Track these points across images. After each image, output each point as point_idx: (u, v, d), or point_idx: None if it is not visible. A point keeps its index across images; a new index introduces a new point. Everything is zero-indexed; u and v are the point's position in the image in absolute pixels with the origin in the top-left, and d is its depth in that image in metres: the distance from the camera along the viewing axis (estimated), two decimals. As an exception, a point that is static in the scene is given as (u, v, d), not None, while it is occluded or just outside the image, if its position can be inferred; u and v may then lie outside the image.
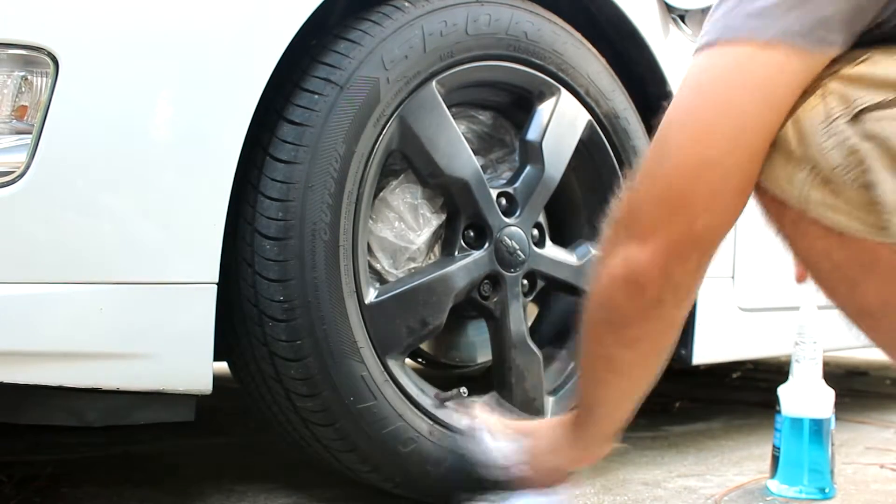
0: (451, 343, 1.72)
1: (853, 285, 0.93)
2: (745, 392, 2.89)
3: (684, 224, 0.94)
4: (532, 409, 1.52)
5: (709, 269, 1.00)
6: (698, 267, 0.98)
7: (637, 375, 1.09)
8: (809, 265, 0.96)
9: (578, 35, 1.59)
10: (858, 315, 0.96)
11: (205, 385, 1.24)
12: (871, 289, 0.92)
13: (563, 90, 1.56)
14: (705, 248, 0.97)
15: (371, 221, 1.42)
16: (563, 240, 1.63)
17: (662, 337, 1.05)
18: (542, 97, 1.55)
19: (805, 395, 1.60)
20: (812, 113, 0.89)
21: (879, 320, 0.95)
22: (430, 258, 1.48)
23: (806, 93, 0.90)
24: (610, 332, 1.03)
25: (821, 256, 0.93)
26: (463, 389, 1.48)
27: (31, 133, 1.12)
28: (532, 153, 1.54)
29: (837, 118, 0.88)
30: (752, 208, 0.99)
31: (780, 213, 0.94)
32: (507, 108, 1.59)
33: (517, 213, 1.51)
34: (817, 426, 1.59)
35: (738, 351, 2.01)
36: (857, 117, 0.87)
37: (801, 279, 1.17)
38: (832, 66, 0.90)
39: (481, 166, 1.49)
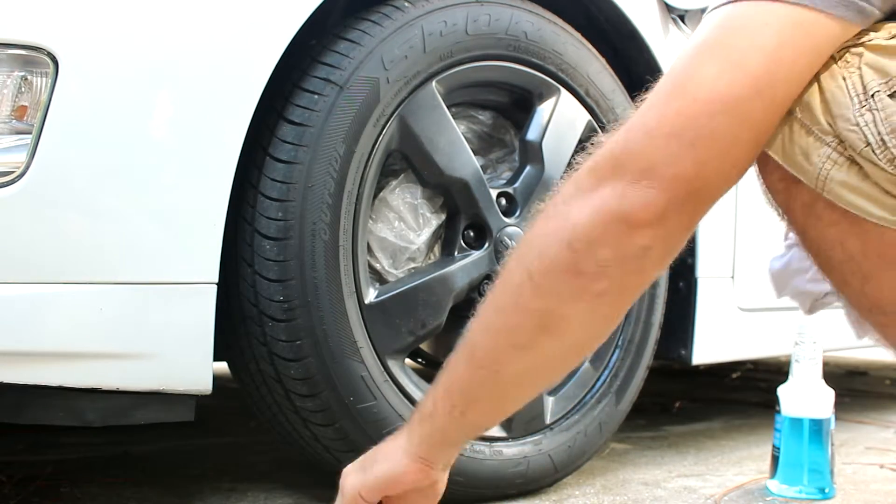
0: (452, 343, 1.69)
1: (866, 279, 0.85)
2: (745, 392, 2.89)
3: (695, 164, 0.83)
4: (531, 409, 1.52)
5: (709, 268, 0.95)
6: (691, 222, 0.87)
7: (575, 344, 0.92)
8: (819, 254, 0.88)
9: (578, 35, 1.59)
10: (869, 311, 0.89)
11: (205, 385, 1.24)
12: (885, 283, 0.85)
13: (562, 90, 1.56)
14: (706, 199, 0.86)
15: (371, 221, 1.42)
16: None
17: (628, 297, 0.91)
18: (541, 97, 1.55)
19: (805, 395, 1.60)
20: (842, 83, 0.81)
21: (891, 317, 0.88)
22: (429, 258, 1.48)
23: (828, 60, 0.83)
24: (571, 278, 0.87)
25: (833, 245, 0.85)
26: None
27: (30, 133, 1.12)
28: (532, 153, 1.54)
29: (877, 92, 0.80)
30: (752, 205, 0.95)
31: (791, 193, 0.86)
32: (507, 108, 1.59)
33: (517, 213, 1.51)
34: (817, 426, 1.59)
35: (738, 351, 2.01)
36: None
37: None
38: (860, 36, 0.83)
39: (481, 166, 1.49)
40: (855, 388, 2.98)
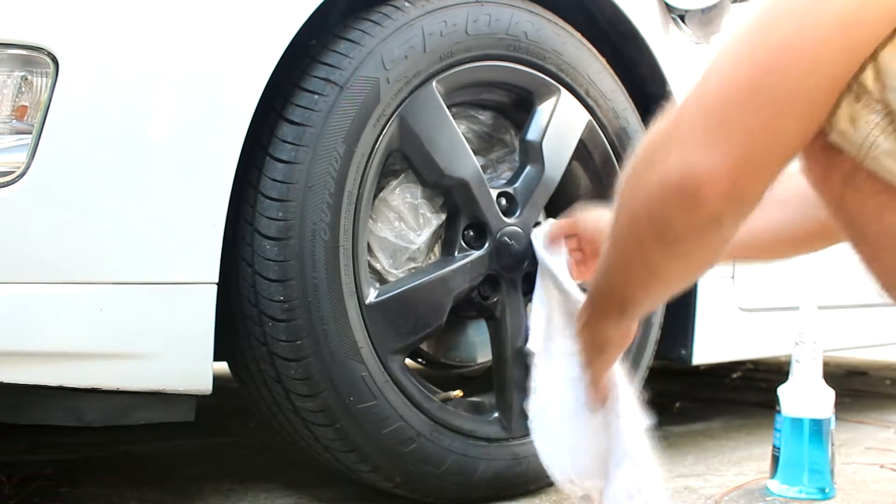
0: (451, 343, 1.72)
1: None
2: (745, 392, 2.89)
3: (776, 126, 0.79)
4: (532, 409, 1.52)
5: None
6: (769, 184, 0.83)
7: (683, 280, 0.98)
8: (853, 226, 0.87)
9: (578, 35, 1.59)
10: None
11: (205, 385, 1.24)
12: None
13: (563, 90, 1.56)
14: (786, 159, 0.81)
15: (371, 221, 1.42)
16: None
17: (716, 250, 0.92)
18: (542, 97, 1.55)
19: (805, 395, 1.60)
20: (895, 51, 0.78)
21: None
22: (430, 258, 1.48)
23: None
24: (658, 245, 0.90)
25: (870, 216, 0.83)
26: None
27: (31, 133, 1.12)
28: (532, 153, 1.54)
29: None
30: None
31: (831, 162, 0.84)
32: (508, 108, 1.59)
33: (517, 213, 1.51)
34: (817, 426, 1.59)
35: (738, 351, 2.01)
36: None
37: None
38: None
39: (481, 166, 1.49)
40: (855, 388, 2.98)
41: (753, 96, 0.80)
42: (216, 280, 1.23)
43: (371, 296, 1.37)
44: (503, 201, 1.51)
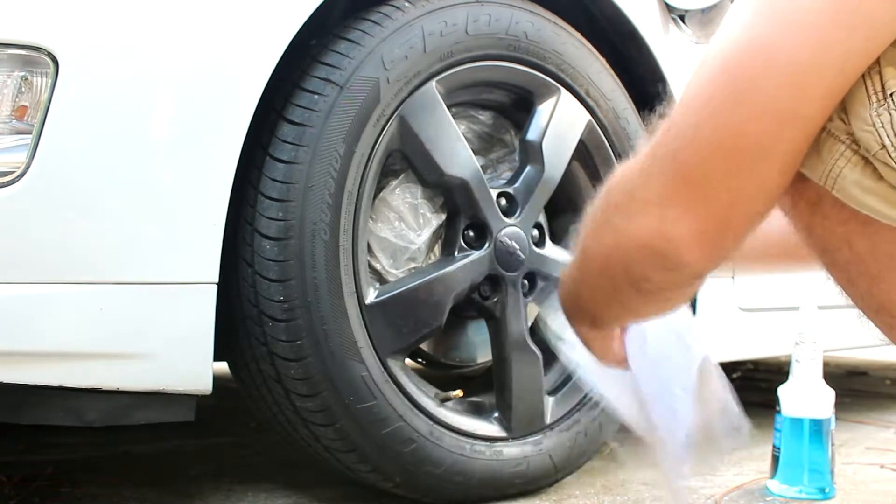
0: (451, 343, 1.72)
1: (874, 280, 0.82)
2: (745, 392, 2.89)
3: (757, 183, 0.76)
4: (531, 409, 1.52)
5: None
6: (749, 233, 0.80)
7: (659, 314, 0.97)
8: (825, 253, 0.85)
9: (578, 35, 1.59)
10: (876, 312, 0.86)
11: (205, 385, 1.24)
12: (895, 285, 0.82)
13: (563, 90, 1.56)
14: (768, 209, 0.79)
15: (371, 221, 1.42)
16: (563, 240, 1.63)
17: (694, 292, 0.90)
18: (542, 97, 1.55)
19: (805, 395, 1.60)
20: (861, 80, 0.76)
21: None
22: (430, 258, 1.48)
23: None
24: (634, 292, 0.87)
25: (840, 244, 0.82)
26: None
27: (31, 133, 1.12)
28: (532, 153, 1.54)
29: (895, 93, 0.74)
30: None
31: (798, 190, 0.82)
32: (507, 108, 1.59)
33: (517, 214, 1.51)
34: (817, 426, 1.59)
35: (738, 351, 2.01)
36: None
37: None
38: None
39: (481, 166, 1.49)
40: (855, 388, 2.98)
41: (733, 158, 0.77)
42: (216, 280, 1.23)
43: (371, 296, 1.37)
44: (503, 201, 1.51)
